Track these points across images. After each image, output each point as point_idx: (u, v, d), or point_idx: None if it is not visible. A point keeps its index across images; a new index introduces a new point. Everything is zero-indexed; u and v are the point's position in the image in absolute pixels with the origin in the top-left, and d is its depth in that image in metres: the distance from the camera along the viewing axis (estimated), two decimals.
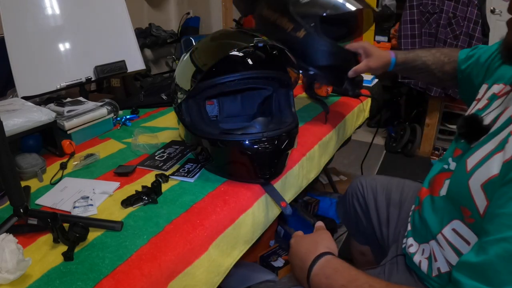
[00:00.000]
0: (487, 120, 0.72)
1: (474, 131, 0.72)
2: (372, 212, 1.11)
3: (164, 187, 0.85)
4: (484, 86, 0.86)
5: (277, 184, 0.90)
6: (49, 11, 1.29)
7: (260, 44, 0.83)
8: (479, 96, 0.86)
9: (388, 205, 1.09)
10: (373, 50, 1.05)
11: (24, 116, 0.94)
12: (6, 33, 1.19)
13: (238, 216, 0.80)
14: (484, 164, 0.64)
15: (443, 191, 0.78)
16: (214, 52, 0.89)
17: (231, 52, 0.84)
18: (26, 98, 1.16)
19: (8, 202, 0.78)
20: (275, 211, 0.93)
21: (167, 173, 0.91)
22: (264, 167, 0.85)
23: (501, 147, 0.62)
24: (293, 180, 1.00)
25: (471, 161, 0.68)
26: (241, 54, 0.85)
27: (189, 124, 0.90)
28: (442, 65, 1.03)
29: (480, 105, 0.82)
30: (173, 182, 0.88)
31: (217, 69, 0.83)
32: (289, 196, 1.00)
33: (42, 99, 1.29)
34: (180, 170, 0.92)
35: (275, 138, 0.83)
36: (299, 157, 1.03)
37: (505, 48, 0.70)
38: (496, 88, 0.80)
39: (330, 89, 1.45)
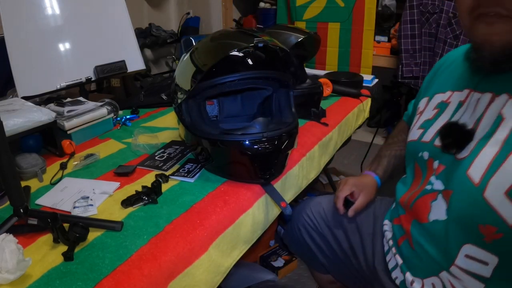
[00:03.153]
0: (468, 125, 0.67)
1: (460, 139, 0.66)
2: (333, 242, 1.03)
3: (164, 187, 0.85)
4: (425, 100, 0.83)
5: (277, 184, 0.90)
6: (49, 11, 1.29)
7: (260, 44, 0.83)
8: (420, 109, 0.83)
9: (345, 231, 1.01)
10: (362, 184, 1.00)
11: (24, 116, 0.94)
12: (6, 33, 1.19)
13: (238, 216, 0.80)
14: (499, 170, 0.58)
15: (434, 216, 0.71)
16: (214, 52, 0.89)
17: (231, 52, 0.84)
18: (26, 98, 1.16)
19: (8, 202, 0.78)
20: (275, 211, 0.93)
21: (167, 173, 0.91)
22: (264, 167, 0.85)
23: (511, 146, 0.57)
24: (293, 180, 1.00)
25: (475, 172, 0.61)
26: (241, 54, 0.85)
27: (189, 124, 0.90)
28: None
29: (428, 115, 0.78)
30: (173, 182, 0.88)
31: (217, 69, 0.83)
32: (289, 196, 1.00)
33: (42, 99, 1.29)
34: (180, 170, 0.92)
35: (275, 138, 0.83)
36: (299, 157, 1.03)
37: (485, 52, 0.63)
38: (441, 97, 0.77)
39: (330, 89, 1.45)
